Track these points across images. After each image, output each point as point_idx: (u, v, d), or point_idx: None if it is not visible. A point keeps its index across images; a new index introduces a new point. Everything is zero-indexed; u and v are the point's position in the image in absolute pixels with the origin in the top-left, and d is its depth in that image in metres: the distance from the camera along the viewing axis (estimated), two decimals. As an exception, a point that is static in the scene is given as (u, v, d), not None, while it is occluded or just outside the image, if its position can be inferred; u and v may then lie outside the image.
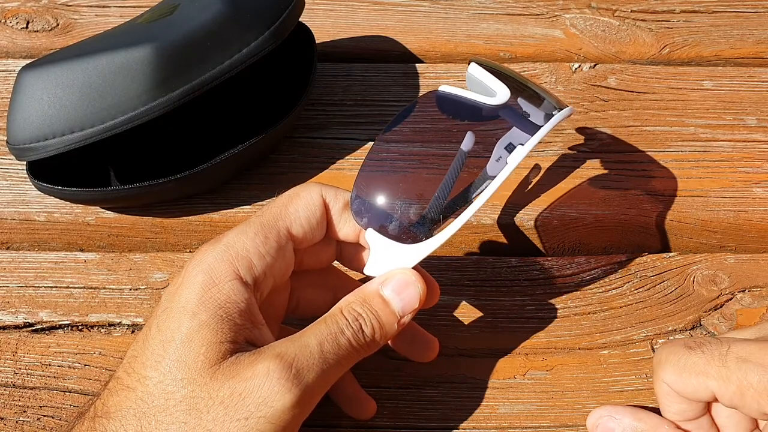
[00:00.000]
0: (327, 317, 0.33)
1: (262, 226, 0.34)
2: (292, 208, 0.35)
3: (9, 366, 0.41)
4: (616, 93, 0.53)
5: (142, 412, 0.31)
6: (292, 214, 0.35)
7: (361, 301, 0.34)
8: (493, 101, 0.36)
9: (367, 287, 0.35)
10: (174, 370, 0.31)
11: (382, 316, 0.34)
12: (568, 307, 0.43)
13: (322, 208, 0.36)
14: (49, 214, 0.47)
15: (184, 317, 0.32)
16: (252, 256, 0.33)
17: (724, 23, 0.57)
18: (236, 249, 0.33)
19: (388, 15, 0.58)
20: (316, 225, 0.36)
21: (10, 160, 0.49)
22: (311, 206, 0.36)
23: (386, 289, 0.34)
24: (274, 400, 0.30)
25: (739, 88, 0.53)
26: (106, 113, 0.43)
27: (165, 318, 0.32)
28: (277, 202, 0.36)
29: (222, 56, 0.44)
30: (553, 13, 0.58)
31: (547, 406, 0.39)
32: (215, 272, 0.32)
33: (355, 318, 0.33)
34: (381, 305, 0.34)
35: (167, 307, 0.33)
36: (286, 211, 0.35)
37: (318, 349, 0.32)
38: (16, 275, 0.44)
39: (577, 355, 0.41)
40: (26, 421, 0.39)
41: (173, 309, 0.32)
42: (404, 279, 0.35)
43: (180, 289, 0.33)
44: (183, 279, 0.33)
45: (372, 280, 0.35)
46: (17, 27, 0.57)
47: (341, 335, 0.33)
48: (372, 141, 0.50)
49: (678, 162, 0.49)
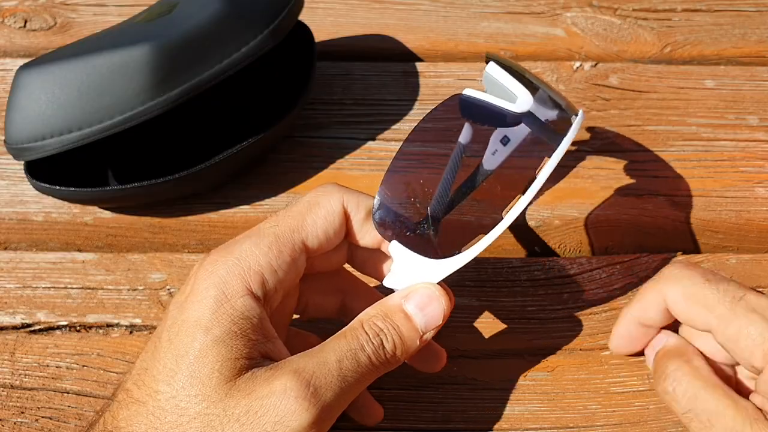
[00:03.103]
0: (347, 331, 0.32)
1: (277, 240, 0.33)
2: (311, 219, 0.34)
3: (7, 367, 0.40)
4: (617, 92, 0.53)
5: (155, 428, 0.30)
6: (310, 225, 0.34)
7: (382, 316, 0.33)
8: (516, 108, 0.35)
9: (389, 300, 0.34)
10: (188, 385, 0.30)
11: (404, 332, 0.33)
12: (569, 308, 0.43)
13: (342, 217, 0.35)
14: (46, 214, 0.47)
15: (197, 332, 0.31)
16: (265, 271, 0.32)
17: (726, 22, 0.57)
18: (249, 263, 0.32)
19: (388, 13, 0.58)
20: (333, 236, 0.35)
21: (8, 160, 0.49)
22: (330, 216, 0.34)
23: (409, 304, 0.33)
24: (291, 419, 0.30)
25: (741, 88, 0.53)
26: (104, 113, 0.42)
27: (177, 331, 0.31)
28: (294, 210, 0.34)
29: (221, 55, 0.44)
30: (554, 11, 0.58)
31: (548, 407, 0.39)
32: (227, 287, 0.32)
33: (376, 333, 0.32)
34: (403, 321, 0.33)
35: (178, 320, 0.32)
36: (304, 223, 0.34)
37: (337, 366, 0.31)
38: (13, 276, 0.44)
39: (579, 356, 0.41)
40: (24, 422, 0.38)
41: (185, 322, 0.31)
42: (429, 294, 0.33)
43: (191, 301, 0.32)
44: (193, 290, 0.32)
45: (394, 293, 0.34)
46: (15, 26, 0.57)
47: (361, 352, 0.32)
48: (372, 140, 0.50)
49: (680, 162, 0.49)
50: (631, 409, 0.39)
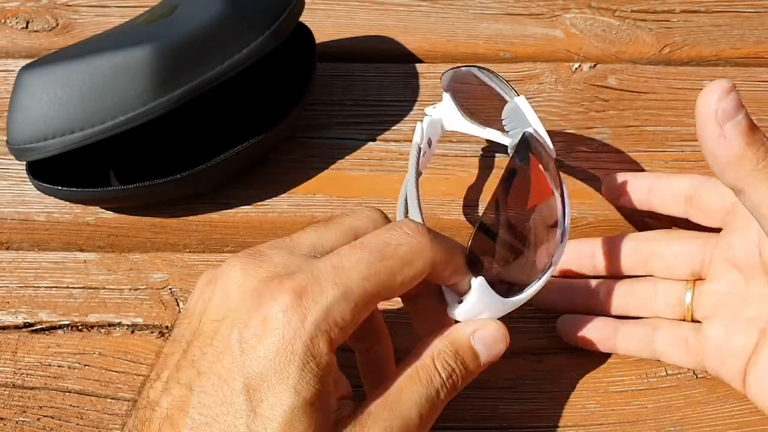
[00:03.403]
0: (420, 372, 0.32)
1: (364, 297, 0.30)
2: (400, 280, 0.31)
3: (9, 366, 0.40)
4: (616, 93, 0.53)
5: None
6: (398, 287, 0.31)
7: (453, 353, 0.33)
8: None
9: (457, 333, 0.33)
10: None
11: (471, 369, 0.33)
12: (568, 308, 0.43)
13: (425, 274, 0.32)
14: (48, 214, 0.47)
15: (284, 392, 0.28)
16: (349, 329, 0.30)
17: (724, 23, 0.57)
18: (335, 320, 0.29)
19: (388, 15, 0.58)
20: (411, 290, 0.32)
21: (10, 160, 0.49)
22: (418, 278, 0.32)
23: (478, 341, 0.33)
24: None
25: (739, 88, 0.52)
26: (106, 113, 0.43)
27: (257, 386, 0.28)
28: (387, 265, 0.31)
29: (222, 56, 0.44)
30: (553, 12, 0.58)
31: (548, 406, 0.39)
32: (314, 343, 0.29)
33: (449, 375, 0.32)
34: (471, 358, 0.33)
35: (250, 366, 0.29)
36: (393, 284, 0.31)
37: (418, 420, 0.31)
38: (15, 275, 0.44)
39: (578, 355, 0.41)
40: (26, 421, 0.39)
41: (266, 376, 0.28)
42: (497, 334, 0.34)
43: (268, 351, 0.29)
44: (269, 335, 0.29)
45: (461, 324, 0.34)
46: (17, 27, 0.57)
47: (437, 398, 0.31)
48: (372, 141, 0.50)
49: (678, 162, 0.49)
50: (630, 408, 0.39)
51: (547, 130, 0.39)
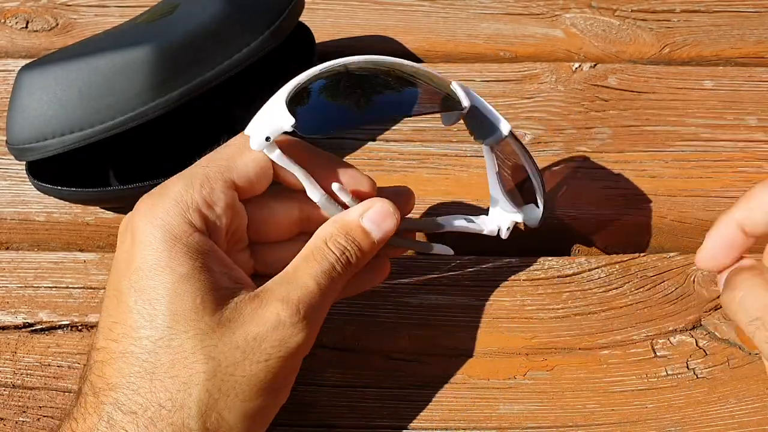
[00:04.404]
0: (314, 252, 0.34)
1: (208, 179, 0.34)
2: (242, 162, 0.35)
3: (8, 366, 0.40)
4: (616, 93, 0.53)
5: (151, 372, 0.30)
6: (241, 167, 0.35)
7: (344, 234, 0.35)
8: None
9: (347, 217, 0.35)
10: (173, 324, 0.31)
11: (364, 246, 0.35)
12: (568, 307, 0.43)
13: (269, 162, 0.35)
14: (48, 214, 0.47)
15: (161, 273, 0.31)
16: (202, 207, 0.33)
17: (724, 23, 0.57)
18: (186, 202, 0.33)
19: (388, 14, 0.58)
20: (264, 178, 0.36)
21: (10, 160, 0.49)
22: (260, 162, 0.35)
23: (367, 220, 0.35)
24: (289, 341, 0.32)
25: (739, 88, 0.53)
26: (106, 113, 0.43)
27: (138, 278, 0.31)
28: (224, 152, 0.35)
29: (222, 56, 0.44)
30: (554, 12, 0.58)
31: (548, 406, 0.39)
32: (172, 227, 0.32)
33: (342, 252, 0.34)
34: (362, 236, 0.35)
35: (132, 268, 0.32)
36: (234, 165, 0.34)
37: (317, 288, 0.33)
38: (15, 275, 0.44)
39: (578, 355, 0.41)
40: (26, 421, 0.39)
41: (143, 269, 0.31)
42: (384, 210, 0.36)
43: (139, 249, 0.32)
44: (135, 238, 0.32)
45: (350, 209, 0.36)
46: (17, 27, 0.57)
47: (333, 271, 0.34)
48: (372, 140, 0.50)
49: (678, 162, 0.49)
50: (630, 408, 0.39)
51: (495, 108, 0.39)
